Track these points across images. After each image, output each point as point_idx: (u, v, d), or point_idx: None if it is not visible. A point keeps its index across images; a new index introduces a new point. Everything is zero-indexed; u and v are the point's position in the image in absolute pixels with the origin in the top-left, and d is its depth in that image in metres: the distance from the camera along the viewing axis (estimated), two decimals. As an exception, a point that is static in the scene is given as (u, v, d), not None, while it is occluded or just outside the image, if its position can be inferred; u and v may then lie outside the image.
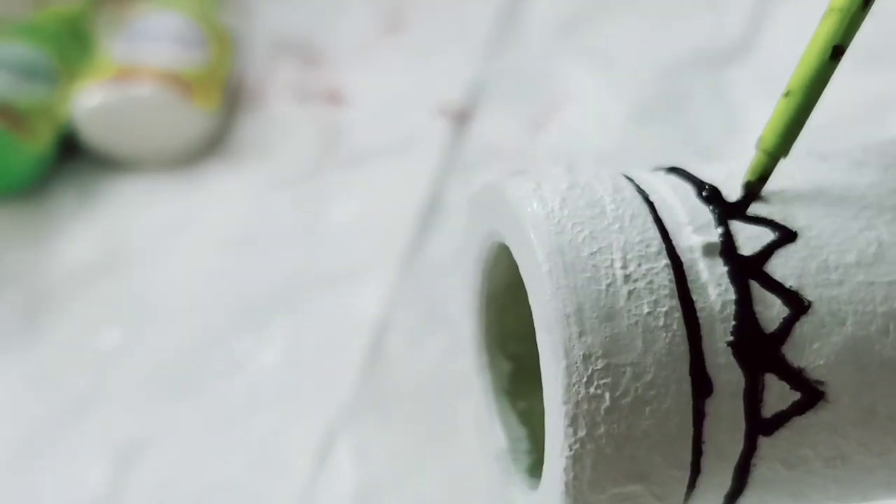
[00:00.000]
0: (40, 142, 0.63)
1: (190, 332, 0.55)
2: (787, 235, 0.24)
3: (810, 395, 0.23)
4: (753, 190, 0.22)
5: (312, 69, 0.70)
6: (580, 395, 0.22)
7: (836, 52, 0.22)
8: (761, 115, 0.61)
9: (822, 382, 0.23)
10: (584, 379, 0.22)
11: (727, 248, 0.24)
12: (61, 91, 0.65)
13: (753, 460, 0.23)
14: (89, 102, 0.64)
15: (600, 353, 0.22)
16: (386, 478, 0.48)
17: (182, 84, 0.64)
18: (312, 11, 0.74)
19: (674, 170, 0.27)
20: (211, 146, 0.66)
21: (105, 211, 0.63)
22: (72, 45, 0.68)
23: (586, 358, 0.22)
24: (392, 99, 0.68)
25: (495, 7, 0.72)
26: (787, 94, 0.22)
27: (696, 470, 0.23)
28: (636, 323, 0.22)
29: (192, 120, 0.65)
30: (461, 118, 0.65)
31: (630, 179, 0.26)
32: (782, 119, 0.22)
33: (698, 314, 0.23)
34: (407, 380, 0.51)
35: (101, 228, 0.61)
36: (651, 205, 0.25)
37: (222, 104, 0.68)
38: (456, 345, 0.52)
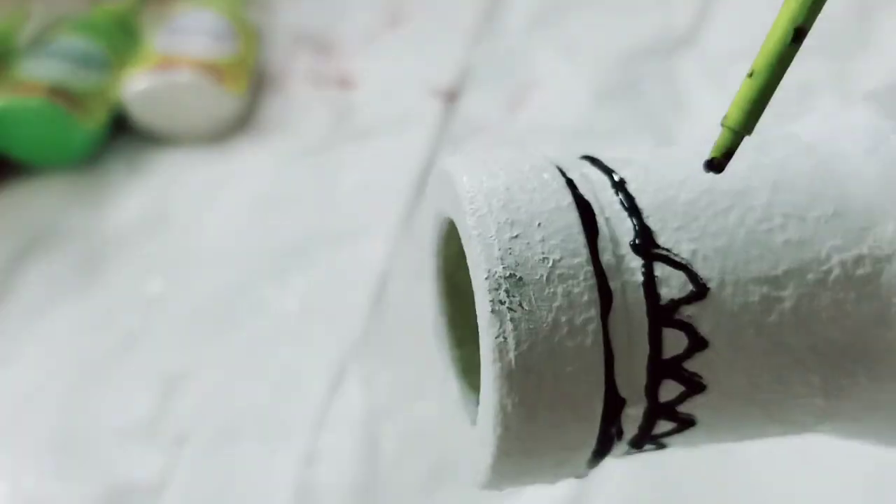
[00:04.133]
0: (95, 120, 0.62)
1: (222, 280, 0.55)
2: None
3: (699, 287, 0.21)
4: (719, 165, 0.20)
5: (325, 58, 0.70)
6: (497, 268, 0.20)
7: (798, 34, 0.21)
8: (704, 96, 0.62)
9: (708, 280, 0.21)
10: (497, 253, 0.20)
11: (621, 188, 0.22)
12: (113, 77, 0.65)
13: (664, 335, 0.21)
14: (137, 87, 0.63)
15: (509, 220, 0.21)
16: (389, 403, 0.48)
17: (215, 71, 0.64)
18: (325, 8, 0.74)
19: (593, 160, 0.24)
20: (239, 124, 0.66)
21: (150, 179, 0.62)
22: (121, 38, 0.67)
23: (500, 228, 0.21)
24: (393, 82, 0.68)
25: (480, 3, 0.72)
26: (750, 75, 0.21)
27: (606, 329, 0.20)
28: (532, 199, 0.21)
29: (223, 102, 0.64)
30: (451, 98, 0.65)
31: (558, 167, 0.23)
32: (746, 98, 0.20)
33: (594, 213, 0.21)
34: (407, 320, 0.51)
35: (147, 194, 0.61)
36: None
37: (249, 88, 0.67)
38: None
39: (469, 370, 0.27)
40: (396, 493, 0.44)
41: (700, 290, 0.21)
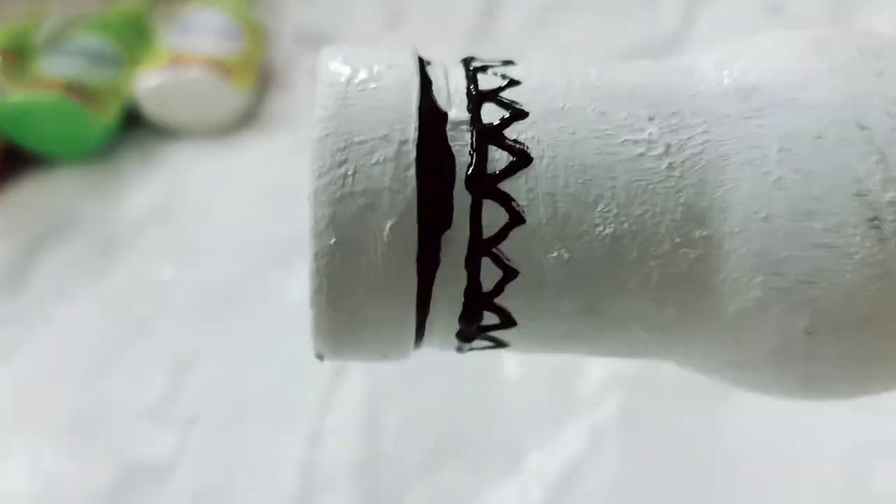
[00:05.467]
0: (108, 115, 0.62)
1: (230, 268, 0.54)
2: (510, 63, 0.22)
3: (521, 157, 0.20)
4: None
5: None
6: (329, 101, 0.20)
7: None
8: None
9: (526, 147, 0.20)
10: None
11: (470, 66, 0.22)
12: (126, 74, 0.64)
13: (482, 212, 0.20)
14: (149, 83, 0.63)
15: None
16: (391, 387, 0.47)
17: (223, 68, 0.63)
18: (328, 9, 0.73)
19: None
20: (246, 118, 0.65)
21: (161, 171, 0.62)
22: (134, 37, 0.67)
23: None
24: None
25: (476, 4, 0.71)
26: None
27: (422, 195, 0.19)
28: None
29: (231, 97, 0.64)
30: None
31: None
32: None
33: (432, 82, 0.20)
34: None
35: (159, 185, 0.61)
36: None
37: (256, 84, 0.67)
38: None
39: None
40: (398, 472, 0.44)
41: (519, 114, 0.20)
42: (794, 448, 0.43)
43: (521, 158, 0.20)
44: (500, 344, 0.22)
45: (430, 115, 0.20)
